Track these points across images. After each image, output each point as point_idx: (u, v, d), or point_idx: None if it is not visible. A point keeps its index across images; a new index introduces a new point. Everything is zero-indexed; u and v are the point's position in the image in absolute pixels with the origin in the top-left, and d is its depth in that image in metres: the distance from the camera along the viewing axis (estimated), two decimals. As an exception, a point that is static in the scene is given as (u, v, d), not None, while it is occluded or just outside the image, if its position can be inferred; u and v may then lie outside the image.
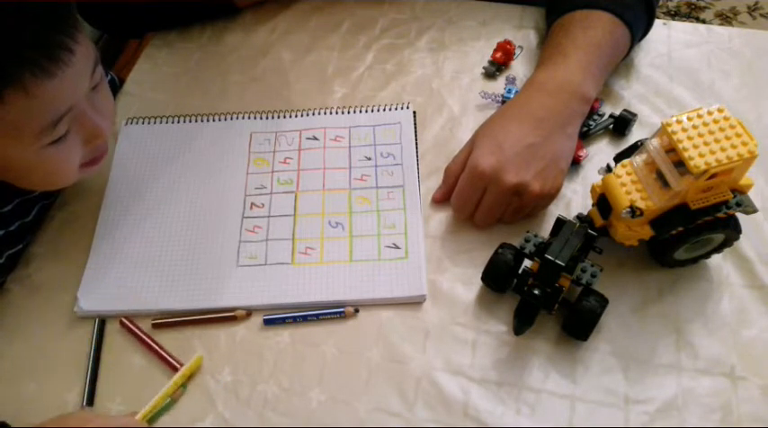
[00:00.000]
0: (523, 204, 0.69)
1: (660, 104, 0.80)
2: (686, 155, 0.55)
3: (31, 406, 0.63)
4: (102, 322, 0.67)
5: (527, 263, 0.65)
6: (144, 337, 0.66)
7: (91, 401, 0.63)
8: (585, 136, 0.76)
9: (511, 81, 0.82)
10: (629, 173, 0.61)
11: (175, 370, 0.63)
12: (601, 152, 0.76)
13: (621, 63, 0.81)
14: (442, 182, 0.73)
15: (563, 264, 0.58)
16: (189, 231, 0.73)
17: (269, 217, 0.74)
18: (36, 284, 0.71)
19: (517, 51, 0.86)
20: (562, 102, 0.70)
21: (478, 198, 0.69)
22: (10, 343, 0.67)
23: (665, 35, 0.87)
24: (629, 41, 0.77)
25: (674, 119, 0.57)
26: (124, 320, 0.67)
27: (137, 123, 0.83)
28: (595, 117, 0.76)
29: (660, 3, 1.93)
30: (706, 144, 0.55)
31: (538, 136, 0.68)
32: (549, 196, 0.69)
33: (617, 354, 0.63)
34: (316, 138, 0.80)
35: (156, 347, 0.65)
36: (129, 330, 0.66)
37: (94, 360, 0.65)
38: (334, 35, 0.92)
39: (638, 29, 0.78)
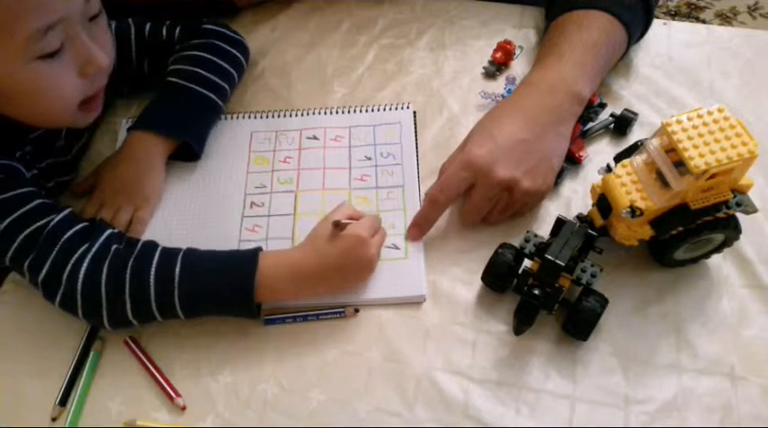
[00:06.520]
0: (512, 201, 0.68)
1: (660, 104, 0.80)
2: (686, 155, 0.55)
3: (30, 407, 0.63)
4: (94, 329, 0.67)
5: (527, 262, 0.65)
6: (145, 361, 0.65)
7: (64, 402, 0.63)
8: (586, 135, 0.76)
9: (511, 81, 0.82)
10: (629, 174, 0.61)
11: (170, 398, 0.62)
12: (601, 152, 0.76)
13: (621, 63, 0.81)
14: (437, 179, 0.73)
15: (563, 264, 0.58)
16: (189, 230, 0.73)
17: (269, 216, 0.74)
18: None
19: (517, 51, 0.86)
20: (555, 101, 0.70)
21: (465, 189, 0.68)
22: (9, 343, 0.67)
23: (665, 35, 0.87)
24: (627, 41, 0.77)
25: (674, 119, 0.57)
26: (128, 341, 0.66)
27: (137, 123, 0.83)
28: (596, 109, 0.76)
29: (660, 3, 1.93)
30: (706, 144, 0.55)
31: (530, 132, 0.68)
32: (539, 194, 0.69)
33: (617, 354, 0.63)
34: (316, 138, 0.80)
35: (156, 373, 0.64)
36: (131, 350, 0.66)
37: (77, 363, 0.65)
38: (334, 35, 0.92)
39: (636, 29, 0.78)
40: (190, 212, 0.75)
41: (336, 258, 0.64)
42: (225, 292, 0.62)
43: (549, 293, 0.60)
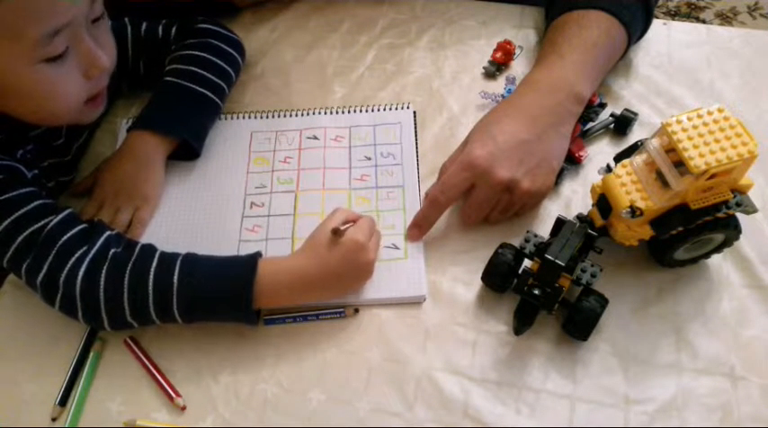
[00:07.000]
0: (512, 202, 0.68)
1: (660, 104, 0.80)
2: (686, 155, 0.55)
3: (30, 407, 0.63)
4: (94, 329, 0.67)
5: (527, 262, 0.65)
6: (145, 361, 0.65)
7: (64, 402, 0.63)
8: (586, 135, 0.76)
9: (511, 81, 0.82)
10: (629, 174, 0.61)
11: (170, 398, 0.62)
12: (601, 152, 0.76)
13: (621, 63, 0.81)
14: (437, 179, 0.73)
15: (563, 264, 0.58)
16: (189, 231, 0.73)
17: (269, 216, 0.74)
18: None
19: (517, 51, 0.86)
20: (556, 102, 0.70)
21: (466, 189, 0.68)
22: (8, 344, 0.67)
23: (665, 35, 0.87)
24: (626, 41, 0.77)
25: (674, 119, 0.57)
26: (129, 341, 0.66)
27: (137, 123, 0.83)
28: (596, 109, 0.76)
29: (660, 3, 1.93)
30: (706, 144, 0.55)
31: (531, 133, 0.68)
32: (540, 194, 0.69)
33: (617, 354, 0.63)
34: (316, 138, 0.80)
35: (156, 373, 0.64)
36: (131, 350, 0.66)
37: (77, 363, 0.65)
38: (334, 35, 0.92)
39: (636, 28, 0.78)
40: (190, 213, 0.75)
41: (337, 265, 0.64)
42: (223, 300, 0.62)
43: (549, 293, 0.60)
